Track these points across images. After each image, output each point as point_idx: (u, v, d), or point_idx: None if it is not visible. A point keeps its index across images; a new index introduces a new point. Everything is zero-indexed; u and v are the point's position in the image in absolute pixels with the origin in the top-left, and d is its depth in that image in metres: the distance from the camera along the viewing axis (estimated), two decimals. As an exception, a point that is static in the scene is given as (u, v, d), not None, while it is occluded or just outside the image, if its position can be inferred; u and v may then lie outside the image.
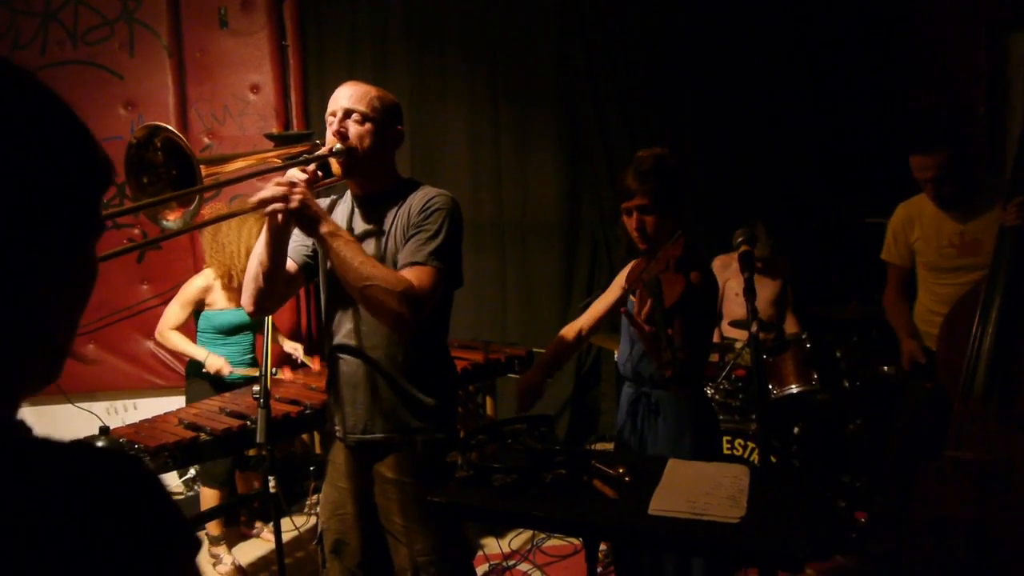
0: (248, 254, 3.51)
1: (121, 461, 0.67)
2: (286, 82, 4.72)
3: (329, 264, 2.22)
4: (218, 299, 3.69)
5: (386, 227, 2.16)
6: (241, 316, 3.66)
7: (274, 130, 4.54)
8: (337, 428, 2.30)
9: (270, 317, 2.60)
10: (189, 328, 3.76)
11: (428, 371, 2.22)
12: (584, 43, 4.81)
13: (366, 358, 2.20)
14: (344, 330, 2.23)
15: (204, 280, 3.66)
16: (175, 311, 3.65)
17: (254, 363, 3.87)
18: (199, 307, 3.69)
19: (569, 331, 2.63)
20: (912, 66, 4.58)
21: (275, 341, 4.06)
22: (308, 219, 1.95)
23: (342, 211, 2.27)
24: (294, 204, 1.92)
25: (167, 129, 1.83)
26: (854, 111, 4.60)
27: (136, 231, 4.55)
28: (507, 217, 4.97)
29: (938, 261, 3.02)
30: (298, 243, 2.25)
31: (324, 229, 1.96)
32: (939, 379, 2.69)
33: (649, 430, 2.39)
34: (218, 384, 3.65)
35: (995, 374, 2.43)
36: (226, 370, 3.59)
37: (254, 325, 3.70)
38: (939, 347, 2.74)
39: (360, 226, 2.21)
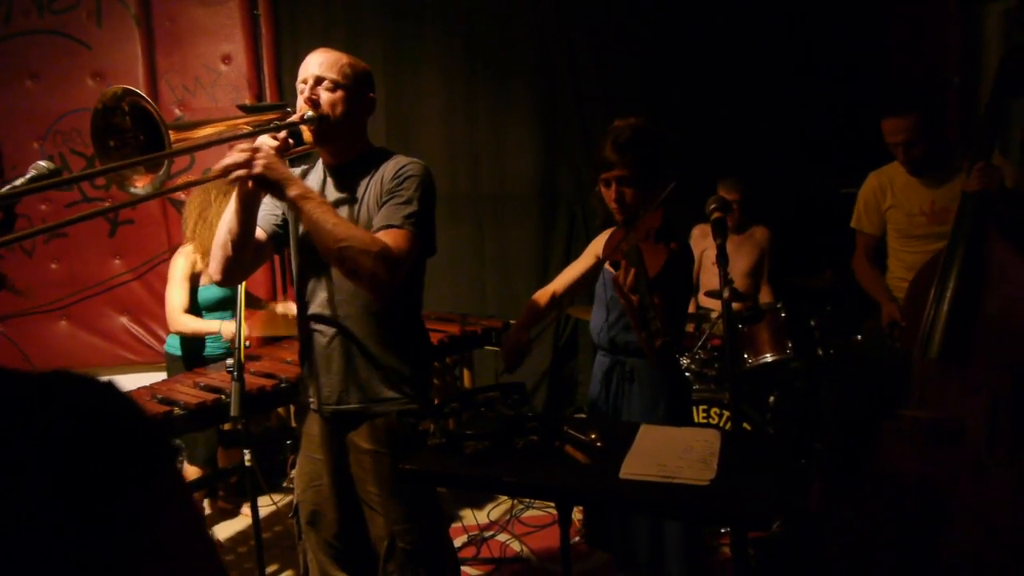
0: None
1: (89, 382, 0.67)
2: (258, 52, 4.64)
3: (300, 232, 2.21)
4: (204, 272, 3.62)
5: (359, 195, 2.15)
6: (224, 290, 3.60)
7: (247, 101, 4.48)
8: (311, 399, 2.29)
9: (243, 288, 2.57)
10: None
11: (402, 341, 2.22)
12: (561, 13, 4.77)
13: (341, 328, 2.19)
14: (318, 300, 2.21)
15: (185, 256, 3.59)
16: (177, 294, 3.54)
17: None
18: (195, 282, 3.62)
19: (542, 295, 2.63)
20: (886, 36, 4.58)
21: (263, 308, 4.01)
22: (274, 183, 1.92)
23: (313, 180, 2.25)
24: (258, 169, 1.89)
25: (135, 93, 1.79)
26: (828, 82, 4.60)
27: (107, 203, 4.48)
28: (484, 189, 4.94)
29: (909, 228, 3.05)
30: (268, 212, 2.23)
31: (293, 192, 1.93)
32: (906, 342, 2.72)
33: (623, 399, 2.40)
34: (194, 362, 3.62)
35: (951, 336, 2.46)
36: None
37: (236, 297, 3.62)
38: (904, 310, 2.78)
39: (333, 195, 2.19)
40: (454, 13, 4.79)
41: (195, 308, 3.59)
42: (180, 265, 3.57)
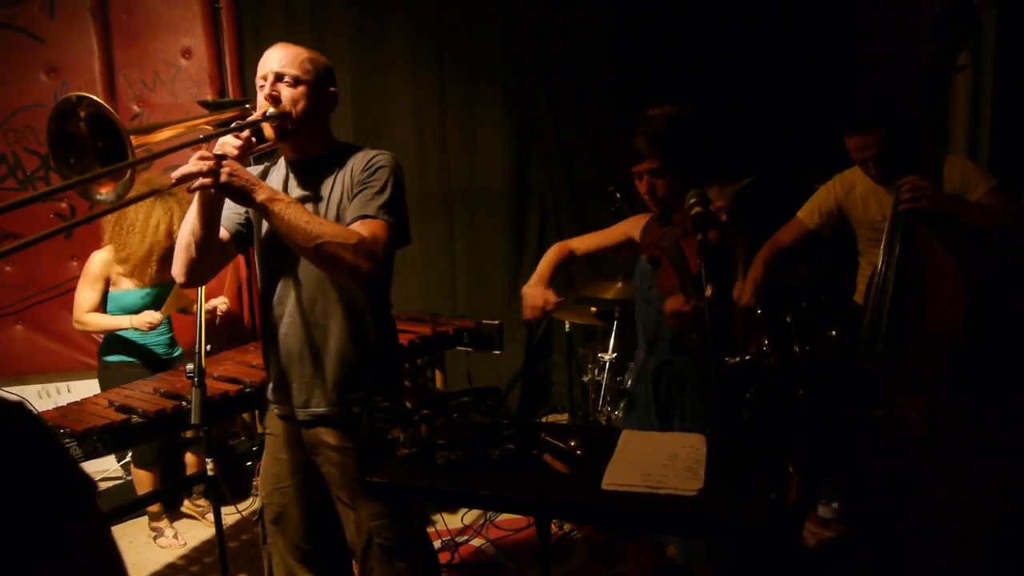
0: (151, 241, 3.31)
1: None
2: (220, 46, 4.50)
3: (264, 231, 2.13)
4: (122, 277, 3.49)
5: (324, 192, 2.10)
6: (146, 295, 3.49)
7: (208, 97, 4.34)
8: (275, 406, 2.23)
9: (203, 290, 2.47)
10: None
11: (372, 339, 2.16)
12: (531, 8, 4.69)
13: (308, 329, 2.12)
14: (285, 301, 2.14)
15: (105, 254, 3.47)
16: (87, 294, 3.45)
17: (172, 342, 3.73)
18: (106, 285, 3.49)
19: (562, 247, 2.49)
20: (857, 31, 4.57)
21: (191, 312, 3.87)
22: (239, 191, 1.85)
23: (276, 178, 2.20)
24: (223, 178, 1.82)
25: (91, 99, 1.70)
26: (800, 75, 4.57)
27: (64, 204, 4.34)
28: (454, 186, 4.85)
29: (871, 234, 3.00)
30: (231, 211, 2.17)
31: (260, 197, 1.86)
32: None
33: (674, 404, 2.27)
34: (153, 366, 3.50)
35: (893, 334, 2.48)
36: (156, 317, 3.42)
37: (159, 303, 3.50)
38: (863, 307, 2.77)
39: (296, 192, 2.13)
40: (422, 6, 4.68)
41: (120, 313, 3.50)
42: (95, 261, 3.47)
